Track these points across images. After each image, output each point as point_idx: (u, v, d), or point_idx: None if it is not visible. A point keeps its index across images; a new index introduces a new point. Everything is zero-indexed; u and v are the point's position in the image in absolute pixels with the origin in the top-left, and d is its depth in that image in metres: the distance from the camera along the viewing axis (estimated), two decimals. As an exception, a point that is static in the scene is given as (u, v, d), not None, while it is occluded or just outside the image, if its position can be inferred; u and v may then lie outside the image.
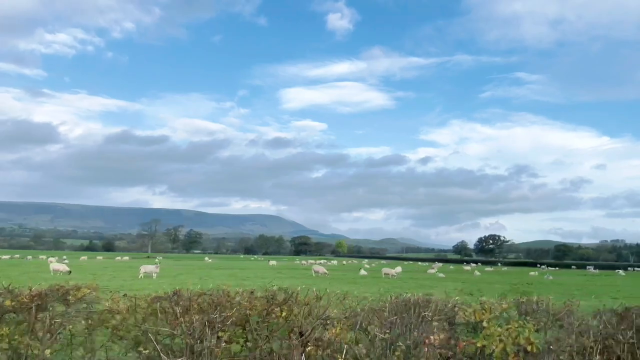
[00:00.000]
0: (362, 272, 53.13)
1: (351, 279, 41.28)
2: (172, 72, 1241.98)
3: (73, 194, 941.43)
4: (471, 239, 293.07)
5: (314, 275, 44.72)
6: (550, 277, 56.93)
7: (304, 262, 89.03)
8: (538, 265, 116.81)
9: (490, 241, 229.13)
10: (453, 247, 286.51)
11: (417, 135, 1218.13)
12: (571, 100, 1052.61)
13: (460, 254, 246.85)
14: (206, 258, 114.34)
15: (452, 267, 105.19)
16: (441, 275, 53.52)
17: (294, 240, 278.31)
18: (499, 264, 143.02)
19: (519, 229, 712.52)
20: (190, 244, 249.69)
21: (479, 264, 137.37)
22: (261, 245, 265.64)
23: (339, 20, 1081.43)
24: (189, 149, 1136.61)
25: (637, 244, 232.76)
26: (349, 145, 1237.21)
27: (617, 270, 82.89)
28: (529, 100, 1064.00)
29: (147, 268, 36.16)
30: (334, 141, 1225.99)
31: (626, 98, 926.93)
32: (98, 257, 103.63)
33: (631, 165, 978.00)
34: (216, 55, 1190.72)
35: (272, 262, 76.06)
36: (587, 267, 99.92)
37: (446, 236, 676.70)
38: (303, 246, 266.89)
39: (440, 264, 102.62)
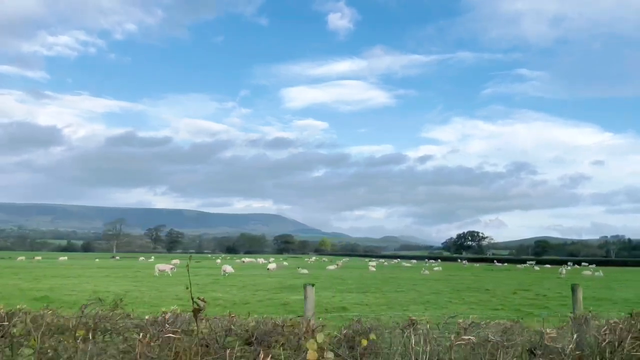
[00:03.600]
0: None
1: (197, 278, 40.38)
2: (175, 73, 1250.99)
3: (75, 195, 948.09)
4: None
5: (157, 274, 43.58)
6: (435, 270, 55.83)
7: (218, 260, 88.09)
8: (459, 261, 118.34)
9: (469, 238, 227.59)
10: (442, 244, 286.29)
11: (419, 133, 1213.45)
12: (573, 97, 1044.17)
13: (449, 251, 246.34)
14: (141, 258, 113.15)
15: (411, 263, 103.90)
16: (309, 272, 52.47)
17: (277, 239, 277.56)
18: (459, 260, 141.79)
19: (519, 226, 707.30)
20: (171, 243, 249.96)
21: (438, 260, 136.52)
22: (243, 244, 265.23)
23: (340, 20, 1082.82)
24: (191, 150, 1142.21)
25: (629, 240, 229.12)
26: (350, 144, 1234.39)
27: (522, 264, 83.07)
28: (531, 97, 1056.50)
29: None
30: (335, 140, 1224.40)
31: (628, 94, 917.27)
32: (36, 257, 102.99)
33: (633, 161, 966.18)
34: (218, 55, 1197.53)
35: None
36: (528, 262, 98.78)
37: (447, 233, 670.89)
38: (286, 244, 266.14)
39: (347, 259, 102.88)
